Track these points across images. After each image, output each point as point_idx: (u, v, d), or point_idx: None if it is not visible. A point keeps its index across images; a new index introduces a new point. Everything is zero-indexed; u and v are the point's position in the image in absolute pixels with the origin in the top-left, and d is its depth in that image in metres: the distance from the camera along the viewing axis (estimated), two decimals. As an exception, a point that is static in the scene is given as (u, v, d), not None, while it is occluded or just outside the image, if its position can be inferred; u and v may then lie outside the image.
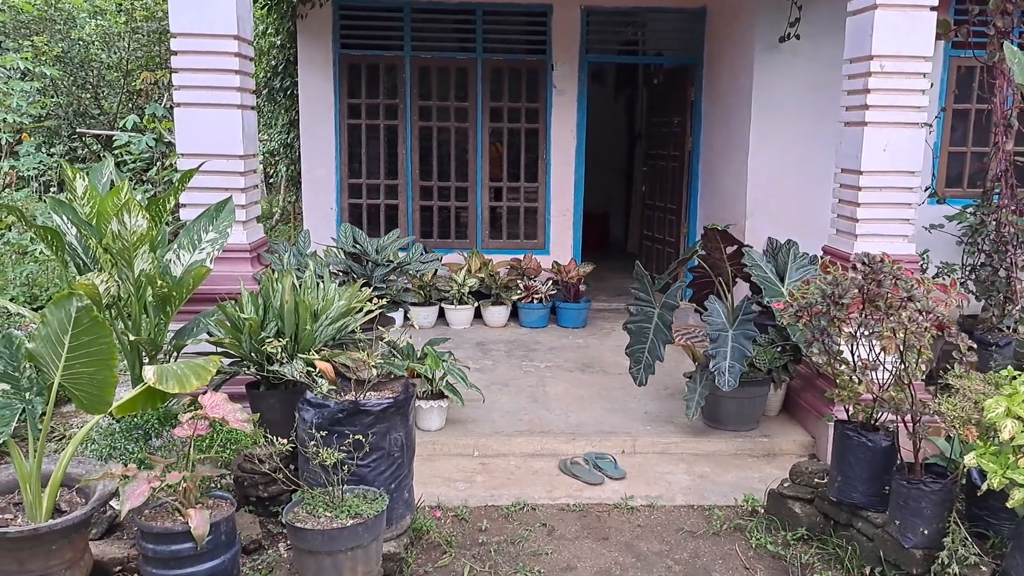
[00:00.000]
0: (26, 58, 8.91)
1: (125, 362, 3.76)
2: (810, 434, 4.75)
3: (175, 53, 4.27)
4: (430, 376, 4.70)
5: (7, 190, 9.39)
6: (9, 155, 9.28)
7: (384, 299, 4.18)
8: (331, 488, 3.13)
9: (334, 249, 5.77)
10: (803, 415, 4.88)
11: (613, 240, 11.60)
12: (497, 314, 7.18)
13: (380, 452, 3.33)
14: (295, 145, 8.83)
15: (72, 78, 11.44)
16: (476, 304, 7.16)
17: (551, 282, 7.31)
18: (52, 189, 12.58)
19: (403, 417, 3.43)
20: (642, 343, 4.72)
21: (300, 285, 3.88)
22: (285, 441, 3.08)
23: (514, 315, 7.31)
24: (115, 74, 11.80)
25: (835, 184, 4.84)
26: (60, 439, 4.28)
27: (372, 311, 3.91)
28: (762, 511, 4.00)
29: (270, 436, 3.07)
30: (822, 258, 4.88)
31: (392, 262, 4.72)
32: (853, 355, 3.36)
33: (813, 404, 4.74)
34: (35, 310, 8.28)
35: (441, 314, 7.18)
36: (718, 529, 3.88)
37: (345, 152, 7.79)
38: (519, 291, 7.17)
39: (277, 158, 9.98)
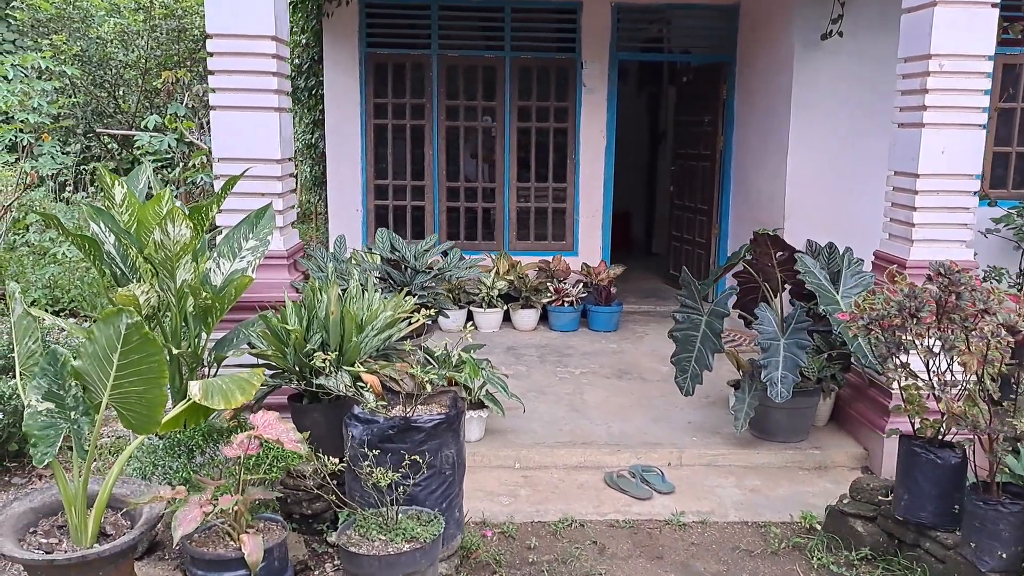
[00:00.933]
0: (45, 57, 8.82)
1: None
2: (862, 446, 4.60)
3: (211, 55, 4.15)
4: (469, 385, 4.58)
5: (26, 191, 9.31)
6: (28, 155, 9.20)
7: (427, 308, 4.05)
8: (383, 509, 3.01)
9: (361, 253, 5.65)
10: (854, 426, 4.73)
11: (635, 240, 11.45)
12: (527, 317, 7.05)
13: (431, 470, 3.20)
14: (319, 145, 8.72)
15: (90, 77, 11.35)
16: (505, 307, 7.03)
17: (581, 284, 7.17)
18: (68, 189, 12.52)
19: (454, 433, 3.30)
20: (688, 352, 4.58)
21: (344, 294, 3.76)
22: (336, 460, 2.96)
23: (543, 318, 7.18)
24: (133, 73, 11.70)
25: (887, 187, 4.69)
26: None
27: (417, 322, 3.78)
28: (820, 529, 3.86)
29: (321, 455, 2.94)
30: (875, 263, 4.74)
31: (432, 269, 4.58)
32: (929, 370, 3.21)
33: (865, 415, 4.59)
34: (56, 313, 8.20)
35: (469, 317, 7.05)
36: (776, 548, 3.74)
37: (371, 152, 7.66)
38: (549, 294, 7.04)
39: (301, 158, 9.86)
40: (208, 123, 9.01)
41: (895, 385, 4.12)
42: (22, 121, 8.43)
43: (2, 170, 9.98)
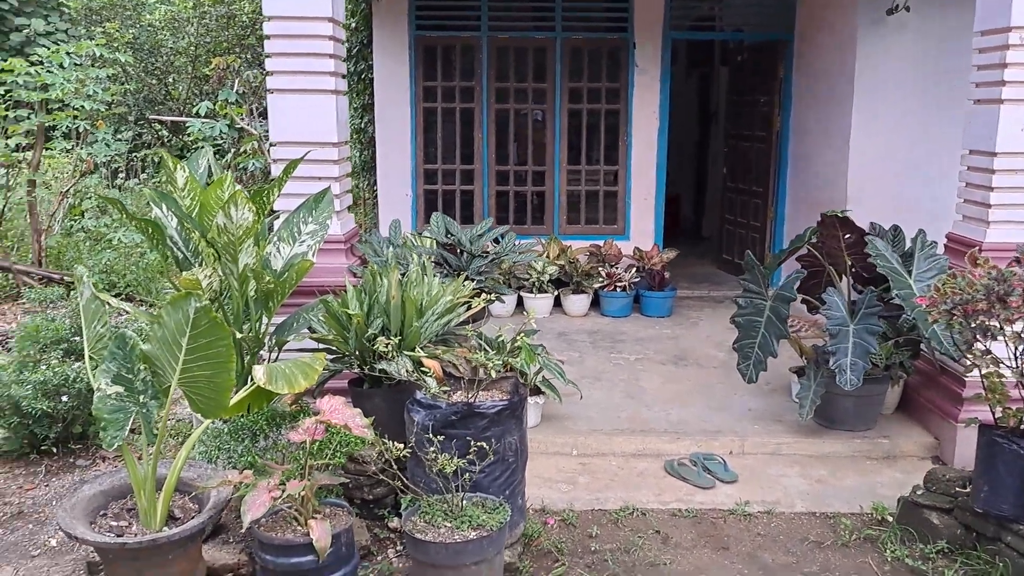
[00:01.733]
0: (99, 44, 8.93)
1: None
2: (932, 435, 4.45)
3: (268, 38, 4.12)
4: (525, 371, 4.51)
5: (82, 177, 9.47)
6: (83, 143, 9.34)
7: (485, 292, 3.99)
8: (448, 496, 2.97)
9: (411, 237, 5.61)
10: (923, 414, 4.57)
11: (685, 224, 11.26)
12: (578, 303, 6.96)
13: (495, 457, 3.15)
14: (368, 130, 8.71)
15: (141, 64, 11.49)
16: (556, 292, 6.95)
17: (633, 269, 7.05)
18: (120, 175, 12.73)
19: (517, 420, 3.25)
20: (751, 338, 4.46)
21: (403, 279, 3.72)
22: (401, 446, 2.92)
23: (595, 304, 7.09)
24: (183, 60, 11.82)
25: (961, 167, 4.49)
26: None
27: (476, 306, 3.72)
28: (893, 520, 3.73)
29: (387, 441, 2.91)
30: (947, 246, 4.56)
31: (487, 253, 4.52)
32: (1017, 357, 3.06)
33: (936, 403, 4.43)
34: (114, 297, 8.34)
35: (519, 302, 6.99)
36: (847, 540, 3.63)
37: (420, 137, 7.62)
38: (601, 279, 6.94)
39: (349, 143, 9.88)
40: (257, 109, 9.07)
41: (972, 373, 3.97)
42: (77, 108, 8.56)
43: (59, 157, 10.18)
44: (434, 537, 2.80)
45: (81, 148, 8.93)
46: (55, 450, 4.51)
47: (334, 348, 3.65)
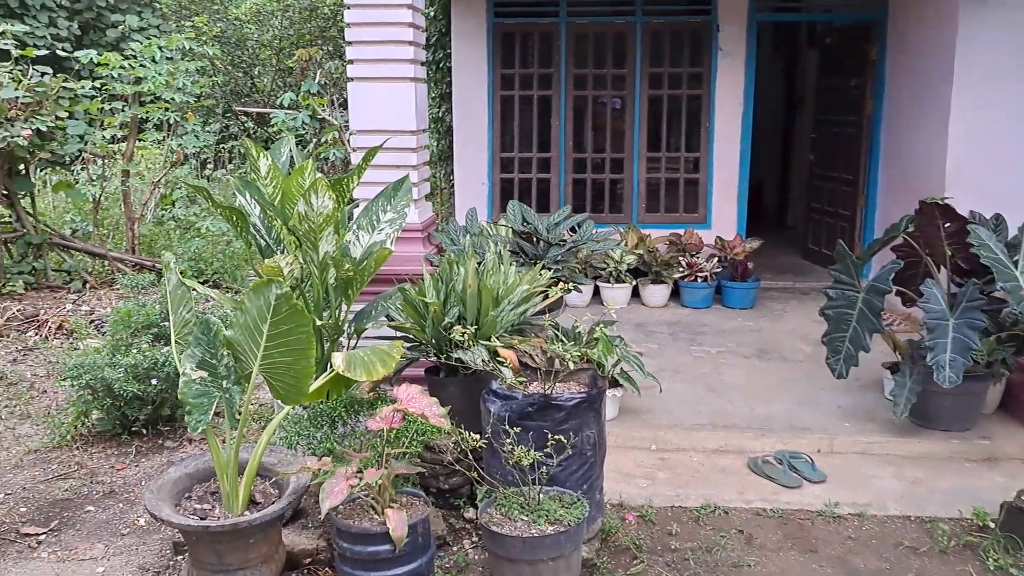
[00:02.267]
0: (189, 38, 9.20)
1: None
2: (1039, 438, 4.17)
3: (348, 25, 4.14)
4: (602, 362, 4.43)
5: (172, 167, 9.80)
6: (174, 134, 9.66)
7: (564, 282, 3.92)
8: (525, 488, 2.92)
9: (486, 226, 5.58)
10: (1029, 416, 4.29)
11: (768, 212, 10.91)
12: (657, 293, 6.82)
13: (572, 451, 3.08)
14: (445, 119, 8.73)
15: (228, 57, 11.80)
16: (634, 282, 6.82)
17: (715, 259, 6.86)
18: (209, 166, 13.14)
19: (595, 413, 3.17)
20: (842, 331, 4.26)
21: (480, 268, 3.68)
22: (477, 436, 2.89)
23: (674, 294, 6.93)
24: (268, 52, 12.09)
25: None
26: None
27: (552, 296, 3.66)
28: (995, 527, 3.50)
29: (464, 431, 2.88)
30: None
31: (564, 242, 4.44)
32: None
33: (1044, 404, 4.15)
34: (200, 284, 8.61)
35: (596, 292, 6.89)
36: (945, 546, 3.43)
37: (497, 125, 7.58)
38: (681, 269, 6.78)
39: (428, 132, 9.95)
40: (337, 99, 9.19)
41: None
42: (167, 101, 8.84)
43: (151, 148, 10.56)
44: (510, 531, 2.76)
45: (172, 139, 9.23)
46: (145, 431, 4.66)
47: (411, 336, 3.65)
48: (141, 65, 8.62)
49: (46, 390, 5.48)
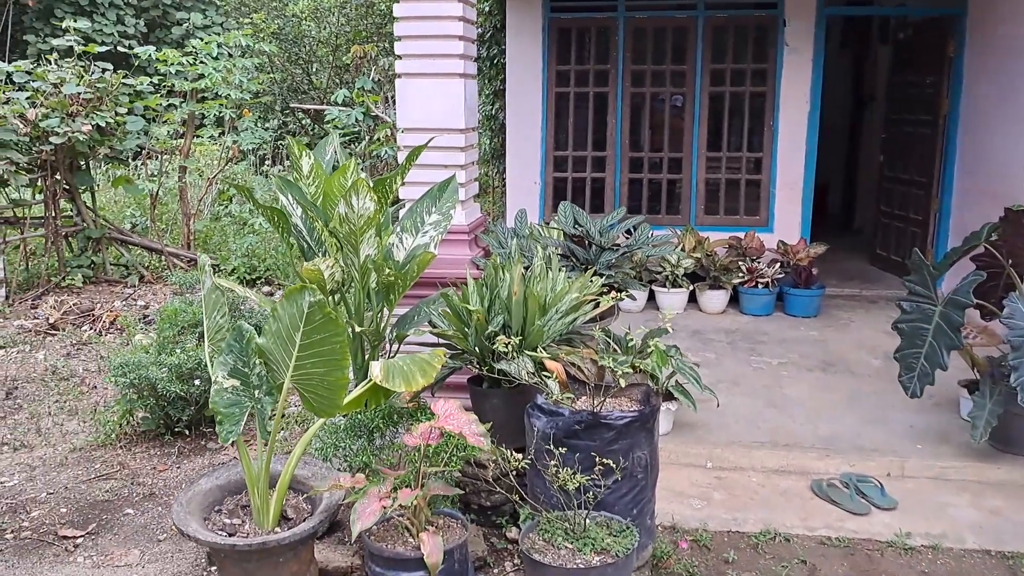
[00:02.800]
0: (247, 35, 9.22)
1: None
2: None
3: (398, 19, 3.99)
4: (656, 374, 4.20)
5: (230, 163, 9.86)
6: (232, 130, 9.71)
7: (616, 289, 3.72)
8: (570, 513, 2.73)
9: (538, 227, 5.39)
10: (1126, 444, 3.92)
11: (832, 215, 10.48)
12: (715, 299, 6.55)
13: (622, 473, 2.89)
14: (499, 117, 8.57)
15: (286, 54, 11.86)
16: (691, 287, 6.56)
17: (777, 264, 6.55)
18: (267, 162, 13.24)
19: (647, 433, 2.97)
20: (917, 347, 3.96)
21: (527, 273, 3.50)
22: (520, 456, 2.71)
23: (733, 300, 6.65)
24: (325, 49, 12.11)
25: None
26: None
27: (604, 305, 3.46)
28: (1089, 569, 3.19)
29: (504, 449, 2.70)
30: None
31: (618, 246, 4.23)
32: None
33: None
34: (253, 281, 8.63)
35: (651, 297, 6.66)
36: (1031, 588, 3.13)
37: (551, 123, 7.38)
38: (741, 274, 6.49)
39: (480, 130, 9.80)
40: (391, 96, 9.11)
41: None
42: (225, 97, 8.87)
43: (208, 144, 10.65)
44: (553, 559, 2.58)
45: (228, 136, 9.27)
46: (188, 432, 4.62)
47: (454, 344, 3.49)
48: (200, 62, 8.68)
49: (96, 386, 5.50)
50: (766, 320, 6.39)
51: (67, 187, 8.46)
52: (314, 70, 12.41)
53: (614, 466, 2.82)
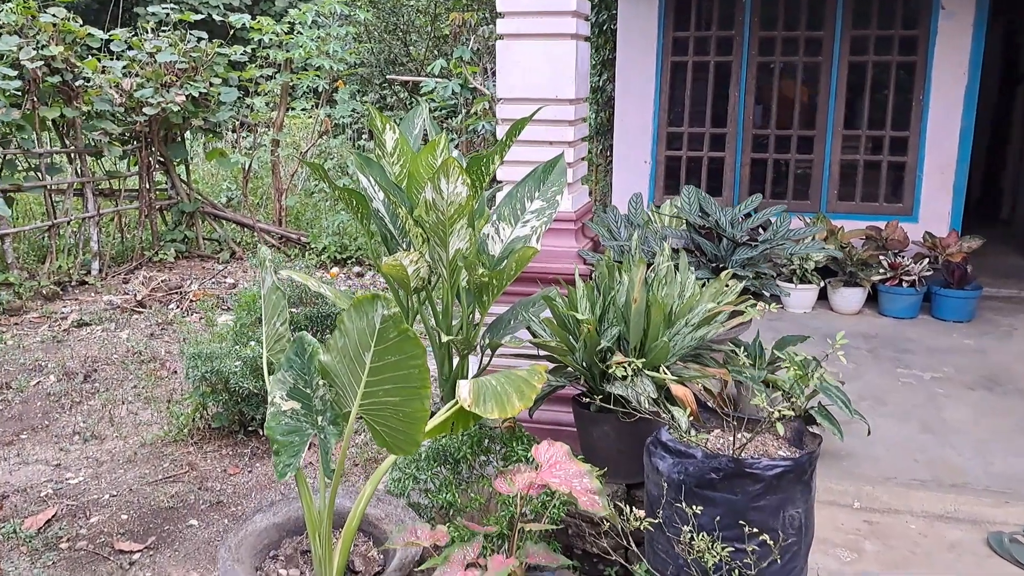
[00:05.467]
0: (343, 2, 8.85)
1: (432, 360, 3.05)
2: None
3: (500, -30, 3.43)
4: (791, 393, 3.54)
5: (324, 137, 9.56)
6: (327, 103, 9.39)
7: (756, 296, 3.08)
8: (702, 586, 2.16)
9: (652, 213, 4.75)
10: None
11: (975, 203, 9.35)
12: (850, 298, 5.76)
13: (769, 535, 2.28)
14: (606, 88, 7.91)
15: (384, 24, 11.47)
16: (822, 283, 5.79)
17: (925, 260, 5.70)
18: (364, 136, 12.95)
19: (804, 487, 2.34)
20: None
21: (652, 276, 2.90)
22: (642, 515, 2.14)
23: (870, 299, 5.84)
24: (423, 19, 11.67)
25: None
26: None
27: (746, 316, 2.83)
28: None
29: (625, 508, 2.14)
30: None
31: (756, 241, 3.57)
32: None
33: None
34: (344, 261, 8.30)
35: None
36: None
37: (665, 95, 6.68)
38: (883, 269, 5.67)
39: (587, 102, 9.16)
40: (491, 67, 8.57)
41: None
42: (318, 69, 8.54)
43: (302, 117, 10.39)
44: (682, 651, 2.01)
45: (321, 109, 8.96)
46: (262, 431, 4.25)
47: (556, 357, 2.93)
48: (298, 32, 8.36)
49: (176, 370, 5.23)
50: (910, 324, 5.56)
51: (161, 159, 8.32)
52: (413, 40, 11.99)
53: (756, 525, 2.23)
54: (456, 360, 2.98)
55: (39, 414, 4.55)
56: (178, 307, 6.62)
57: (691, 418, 2.52)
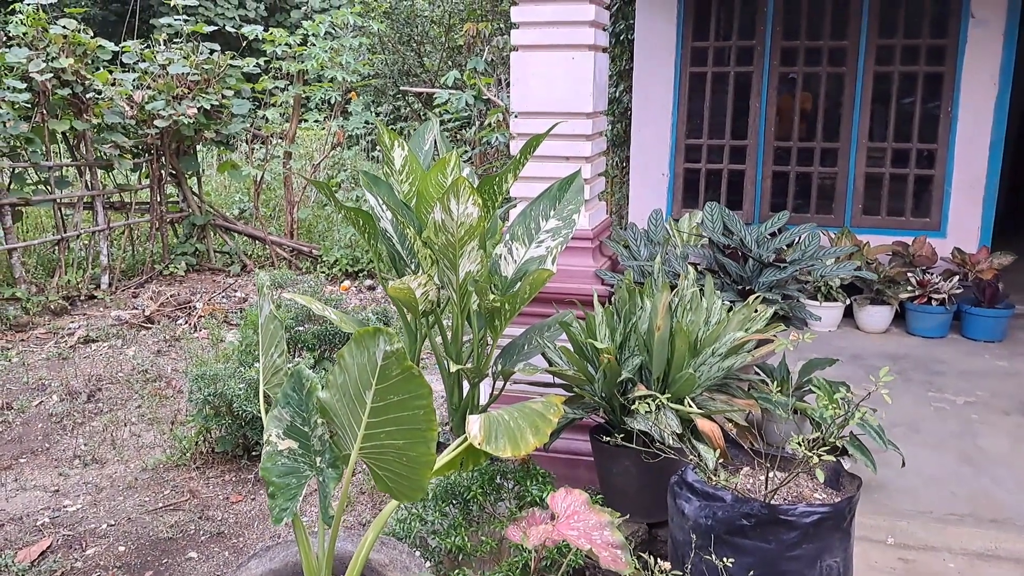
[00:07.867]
0: (357, 13, 8.75)
1: (442, 386, 2.90)
2: None
3: (515, -21, 3.28)
4: (819, 420, 3.35)
5: (336, 149, 9.46)
6: (340, 114, 9.29)
7: (783, 319, 2.90)
8: (733, 645, 1.98)
9: (672, 230, 4.59)
10: None
11: (1004, 217, 9.10)
12: (877, 316, 5.55)
13: (805, 587, 2.11)
14: (623, 100, 7.75)
15: (398, 35, 11.39)
16: (847, 301, 5.60)
17: (955, 277, 5.49)
18: (377, 148, 12.84)
19: (843, 535, 2.16)
20: None
21: (676, 301, 2.73)
22: (666, 566, 1.96)
23: (897, 318, 5.63)
24: (438, 30, 11.58)
25: None
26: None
27: (776, 346, 2.65)
28: None
29: (648, 561, 1.97)
30: None
31: (783, 262, 3.38)
32: None
33: None
34: (356, 274, 8.17)
35: (796, 309, 5.72)
36: None
37: (684, 106, 6.51)
38: (910, 287, 5.47)
39: (605, 115, 9.00)
40: (505, 79, 8.44)
41: None
42: (331, 80, 8.44)
43: (314, 129, 10.29)
44: None
45: (333, 121, 8.86)
46: (266, 456, 4.11)
47: (573, 388, 2.77)
48: (311, 44, 8.26)
49: (181, 389, 5.10)
50: (940, 344, 5.35)
51: (173, 171, 8.24)
52: (427, 51, 11.90)
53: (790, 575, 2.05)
54: (467, 387, 2.82)
55: (40, 436, 4.43)
56: (186, 323, 6.50)
57: (720, 458, 2.35)
